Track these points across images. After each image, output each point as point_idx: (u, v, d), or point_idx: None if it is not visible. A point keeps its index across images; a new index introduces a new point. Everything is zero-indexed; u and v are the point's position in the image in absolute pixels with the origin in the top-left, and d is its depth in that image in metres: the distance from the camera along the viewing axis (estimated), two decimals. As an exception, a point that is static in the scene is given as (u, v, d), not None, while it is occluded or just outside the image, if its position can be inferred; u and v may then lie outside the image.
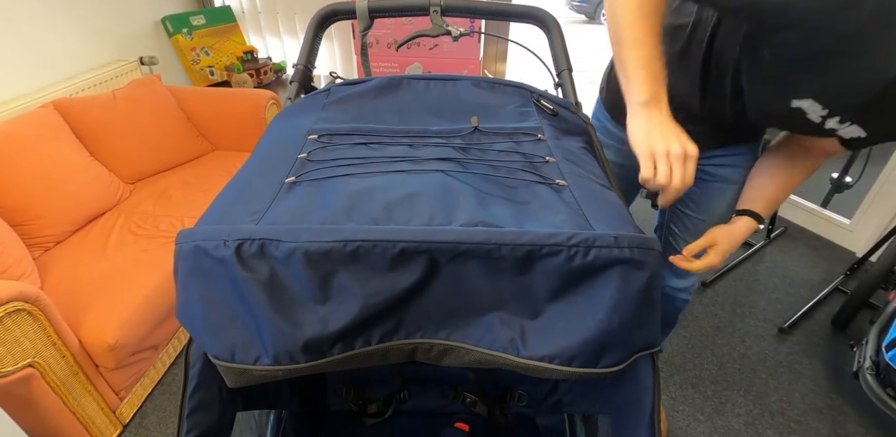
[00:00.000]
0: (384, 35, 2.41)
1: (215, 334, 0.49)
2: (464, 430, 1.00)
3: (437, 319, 0.51)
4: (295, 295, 0.48)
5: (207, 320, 0.49)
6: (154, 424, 1.47)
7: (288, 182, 0.59)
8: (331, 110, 0.76)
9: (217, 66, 2.62)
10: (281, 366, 0.48)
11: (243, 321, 0.48)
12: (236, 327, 0.48)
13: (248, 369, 0.49)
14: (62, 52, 1.97)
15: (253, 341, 0.48)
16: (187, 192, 1.92)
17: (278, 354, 0.48)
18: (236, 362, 0.49)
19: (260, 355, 0.48)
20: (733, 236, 0.89)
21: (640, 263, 0.48)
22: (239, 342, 0.48)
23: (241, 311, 0.48)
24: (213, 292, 0.49)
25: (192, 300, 0.50)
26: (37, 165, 1.58)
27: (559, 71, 0.89)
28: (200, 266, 0.48)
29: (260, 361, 0.48)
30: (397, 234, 0.46)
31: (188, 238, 0.48)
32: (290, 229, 0.47)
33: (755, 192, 0.93)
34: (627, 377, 0.60)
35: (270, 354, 0.48)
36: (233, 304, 0.48)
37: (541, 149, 0.68)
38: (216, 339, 0.49)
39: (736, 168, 1.00)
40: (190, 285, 0.50)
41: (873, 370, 1.35)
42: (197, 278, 0.49)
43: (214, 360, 0.50)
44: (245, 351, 0.48)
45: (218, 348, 0.49)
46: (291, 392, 0.90)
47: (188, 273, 0.49)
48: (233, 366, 0.49)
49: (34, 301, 1.11)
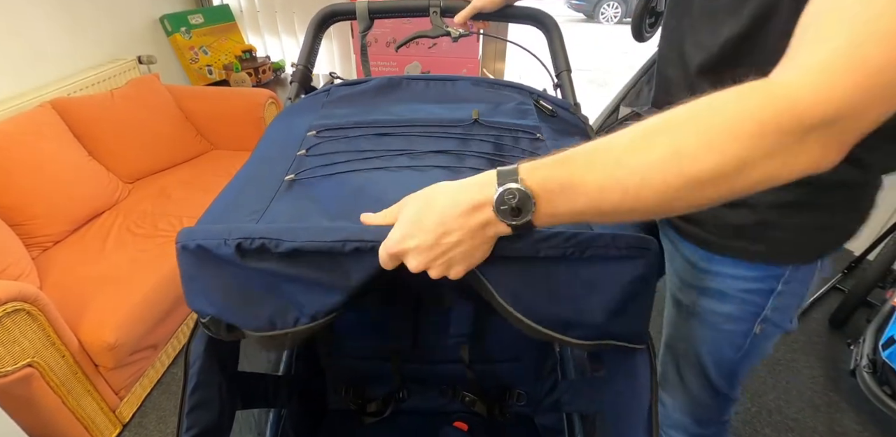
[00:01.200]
0: (383, 34, 2.41)
1: (247, 311, 0.51)
2: (462, 429, 1.00)
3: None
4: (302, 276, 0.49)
5: (232, 303, 0.51)
6: (153, 423, 1.47)
7: (287, 180, 0.60)
8: (330, 108, 0.77)
9: (215, 65, 2.61)
10: (318, 321, 0.50)
11: (268, 295, 0.50)
12: (265, 300, 0.50)
13: (289, 331, 0.51)
14: (60, 51, 1.96)
15: (288, 308, 0.50)
16: (186, 191, 1.91)
17: (315, 312, 0.50)
18: (278, 329, 0.51)
19: (298, 318, 0.50)
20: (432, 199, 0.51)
21: (635, 261, 0.49)
22: (276, 312, 0.50)
23: (262, 288, 0.50)
24: (229, 278, 0.50)
25: (207, 289, 0.51)
26: (35, 164, 1.58)
27: (558, 72, 0.89)
28: (206, 261, 0.49)
29: (299, 322, 0.50)
30: None
31: (189, 237, 0.49)
32: (290, 229, 0.48)
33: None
34: (625, 376, 0.61)
35: (307, 313, 0.50)
36: (250, 285, 0.50)
37: (539, 148, 0.68)
38: (250, 315, 0.51)
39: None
40: (200, 278, 0.51)
41: (870, 369, 1.36)
42: (206, 270, 0.50)
43: (254, 332, 0.52)
44: (283, 318, 0.50)
45: (256, 322, 0.51)
46: (291, 391, 0.90)
47: (198, 267, 0.50)
48: (274, 333, 0.51)
49: (33, 301, 1.11)
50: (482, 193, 0.42)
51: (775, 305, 0.70)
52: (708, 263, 0.70)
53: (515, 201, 0.40)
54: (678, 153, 0.37)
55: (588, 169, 0.40)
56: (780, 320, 0.72)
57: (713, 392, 0.81)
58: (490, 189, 0.41)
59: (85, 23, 2.06)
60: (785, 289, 0.68)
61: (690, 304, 0.76)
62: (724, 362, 0.77)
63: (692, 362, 0.80)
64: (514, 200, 0.40)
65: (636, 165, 0.38)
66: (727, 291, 0.70)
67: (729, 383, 0.80)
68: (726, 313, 0.72)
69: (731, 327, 0.73)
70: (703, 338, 0.77)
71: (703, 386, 0.81)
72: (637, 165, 0.38)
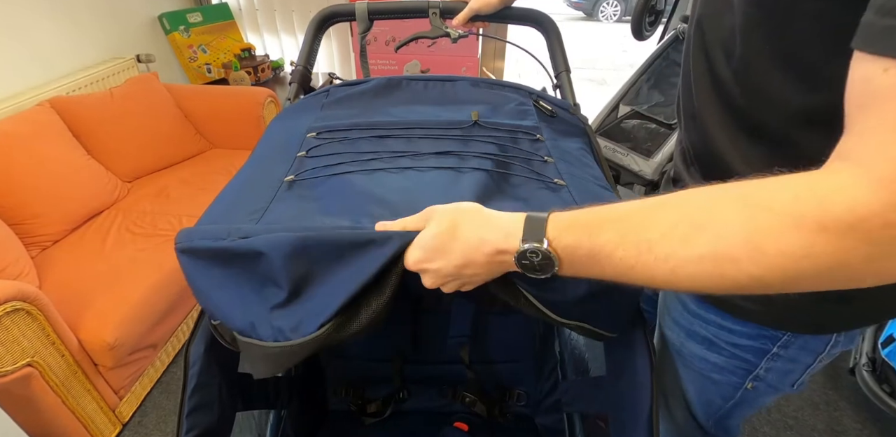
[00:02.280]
0: (382, 33, 2.41)
1: (243, 315, 0.48)
2: (463, 430, 1.00)
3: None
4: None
5: (230, 305, 0.48)
6: (153, 422, 1.47)
7: (287, 181, 0.59)
8: (330, 109, 0.76)
9: (214, 64, 2.61)
10: (323, 329, 0.45)
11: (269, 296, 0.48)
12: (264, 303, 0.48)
13: (289, 345, 0.46)
14: (58, 49, 1.95)
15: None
16: (185, 190, 1.91)
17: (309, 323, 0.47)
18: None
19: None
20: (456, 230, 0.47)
21: None
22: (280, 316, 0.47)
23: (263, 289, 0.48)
24: (224, 281, 0.49)
25: (210, 290, 0.49)
26: (33, 163, 1.57)
27: (557, 72, 0.89)
28: (206, 261, 0.49)
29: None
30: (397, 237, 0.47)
31: (188, 238, 0.49)
32: (289, 230, 0.47)
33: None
34: (625, 377, 0.61)
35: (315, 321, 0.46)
36: (247, 288, 0.48)
37: (539, 149, 0.68)
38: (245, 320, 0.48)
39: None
40: (200, 279, 0.49)
41: (869, 367, 1.36)
42: (207, 271, 0.49)
43: (260, 342, 0.48)
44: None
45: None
46: (291, 392, 0.90)
47: (200, 267, 0.49)
48: (266, 345, 0.48)
49: (33, 301, 1.11)
50: (507, 243, 0.41)
51: (770, 366, 0.62)
52: (697, 306, 0.64)
53: (538, 261, 0.40)
54: (719, 258, 0.34)
55: (619, 245, 0.37)
56: (776, 382, 0.64)
57: (703, 433, 0.76)
58: (515, 242, 0.41)
59: (83, 21, 2.05)
60: (782, 353, 0.61)
61: (678, 344, 0.69)
62: (713, 408, 0.72)
63: (678, 398, 0.74)
64: (536, 258, 0.40)
65: (671, 257, 0.35)
66: (716, 341, 0.63)
67: (721, 428, 0.74)
68: (714, 363, 0.65)
69: (720, 377, 0.66)
70: (690, 379, 0.71)
71: (691, 424, 0.76)
72: (672, 257, 0.35)
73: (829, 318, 0.56)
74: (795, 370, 0.63)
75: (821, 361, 0.61)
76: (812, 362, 0.62)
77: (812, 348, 0.60)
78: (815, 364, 0.62)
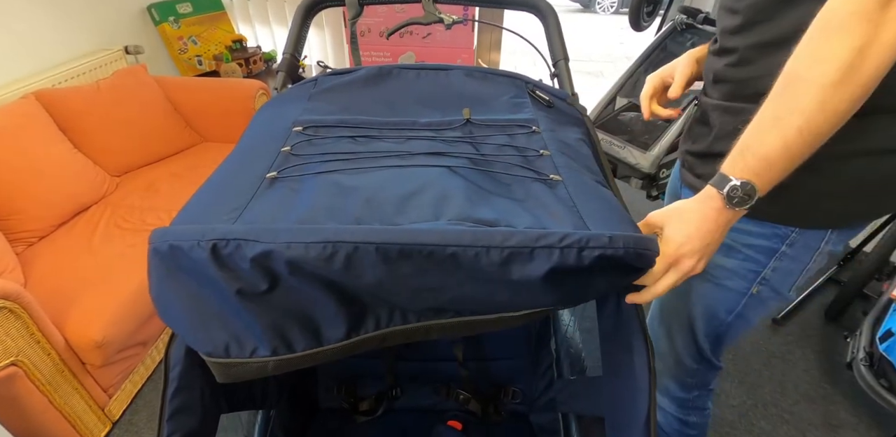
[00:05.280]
0: (376, 23, 2.37)
1: (205, 331, 0.47)
2: (456, 428, 0.98)
3: (433, 303, 0.49)
4: (278, 291, 0.46)
5: (193, 319, 0.47)
6: (144, 421, 1.45)
7: (269, 178, 0.57)
8: (317, 101, 0.74)
9: (205, 56, 2.56)
10: (278, 356, 0.47)
11: (231, 316, 0.47)
12: (226, 322, 0.47)
13: (245, 362, 0.47)
14: (44, 41, 1.91)
15: (247, 334, 0.47)
16: (175, 185, 1.88)
17: (275, 344, 0.47)
18: (231, 357, 0.47)
19: (256, 348, 0.47)
20: (682, 213, 0.59)
21: (634, 267, 0.46)
22: (233, 337, 0.47)
23: (227, 307, 0.47)
24: (194, 290, 0.47)
25: (172, 300, 0.48)
26: (18, 157, 1.54)
27: (555, 61, 0.86)
28: (178, 265, 0.46)
29: (256, 353, 0.47)
30: (379, 235, 0.44)
31: (162, 238, 0.46)
32: (268, 229, 0.44)
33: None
34: (622, 378, 0.59)
35: (268, 345, 0.47)
36: (217, 301, 0.47)
37: (535, 142, 0.66)
38: (207, 336, 0.47)
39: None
40: (168, 286, 0.48)
41: (867, 362, 1.35)
42: (175, 278, 0.47)
43: (207, 357, 0.48)
44: (240, 345, 0.47)
45: (211, 345, 0.48)
46: (280, 392, 0.88)
47: (165, 274, 0.47)
48: (228, 361, 0.48)
49: (16, 299, 1.08)
50: (714, 200, 0.55)
51: (776, 266, 0.72)
52: None
53: (741, 193, 0.53)
54: (825, 88, 0.48)
55: (762, 141, 0.52)
56: (778, 284, 0.75)
57: (699, 357, 0.86)
58: (717, 198, 0.55)
59: (70, 11, 2.00)
60: (788, 251, 0.71)
61: None
62: (715, 324, 0.81)
63: (683, 323, 0.84)
64: (738, 191, 0.53)
65: (791, 111, 0.50)
66: (732, 244, 0.73)
67: (714, 346, 0.85)
68: (728, 268, 0.75)
69: (730, 283, 0.76)
70: (701, 294, 0.80)
71: (690, 349, 0.86)
72: (791, 112, 0.50)
73: (827, 213, 0.68)
74: (794, 270, 0.74)
75: (815, 261, 0.73)
76: (808, 261, 0.73)
77: (811, 245, 0.71)
78: (810, 264, 0.73)
